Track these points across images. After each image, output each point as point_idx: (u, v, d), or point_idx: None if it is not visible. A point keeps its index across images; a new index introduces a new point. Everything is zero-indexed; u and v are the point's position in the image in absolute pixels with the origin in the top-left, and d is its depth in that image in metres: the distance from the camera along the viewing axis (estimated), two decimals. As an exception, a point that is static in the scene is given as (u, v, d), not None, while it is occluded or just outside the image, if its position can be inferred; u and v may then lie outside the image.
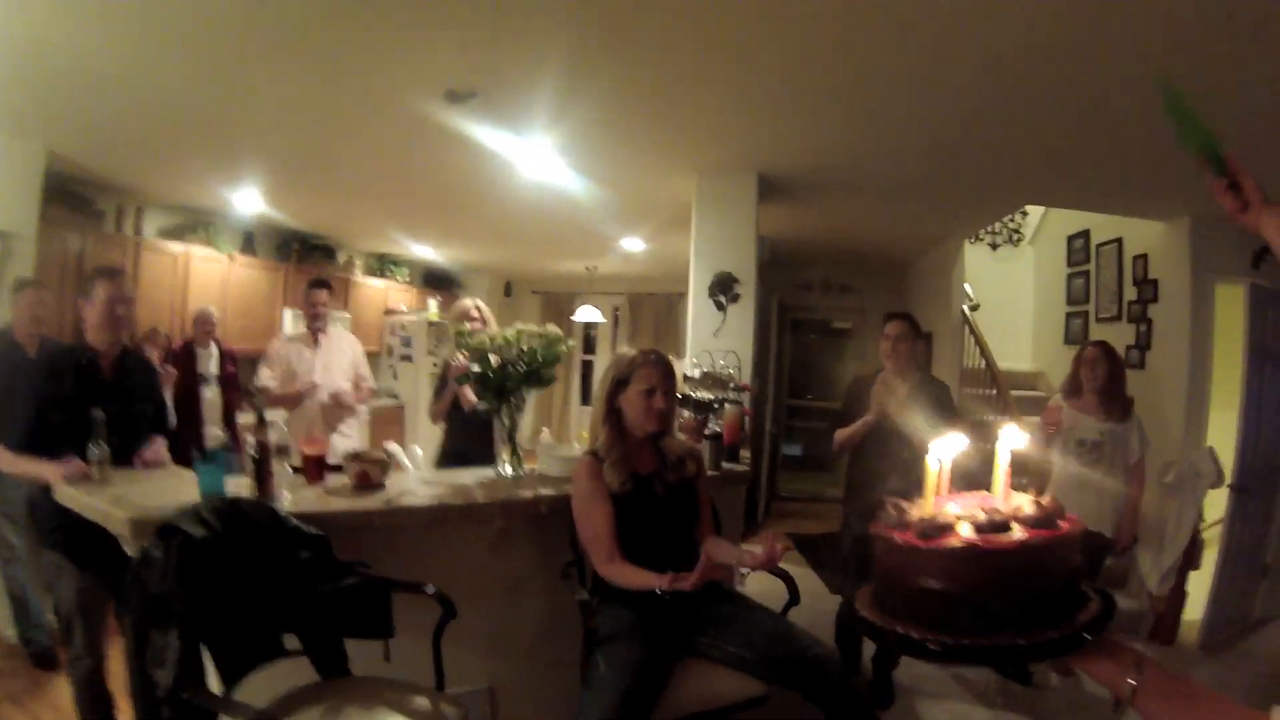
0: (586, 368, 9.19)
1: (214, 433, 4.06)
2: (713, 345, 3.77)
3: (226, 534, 1.57)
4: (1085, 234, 5.19)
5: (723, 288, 3.84)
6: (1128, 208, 4.14)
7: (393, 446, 3.13)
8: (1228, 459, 3.52)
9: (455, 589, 1.75)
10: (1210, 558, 3.67)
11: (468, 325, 2.68)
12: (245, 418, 3.90)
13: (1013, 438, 0.80)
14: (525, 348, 2.36)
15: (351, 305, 6.68)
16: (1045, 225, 5.94)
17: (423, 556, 2.05)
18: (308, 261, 6.17)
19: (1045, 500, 0.76)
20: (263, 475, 1.84)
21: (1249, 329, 3.58)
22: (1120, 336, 4.58)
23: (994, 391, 5.01)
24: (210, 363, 4.15)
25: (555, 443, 2.83)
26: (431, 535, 2.07)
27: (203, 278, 5.15)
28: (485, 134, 3.18)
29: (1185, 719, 0.66)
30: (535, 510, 2.12)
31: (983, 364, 5.23)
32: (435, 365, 4.53)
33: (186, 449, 2.19)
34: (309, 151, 3.78)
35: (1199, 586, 3.63)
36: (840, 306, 7.08)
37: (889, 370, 2.98)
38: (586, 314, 7.84)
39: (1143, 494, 3.20)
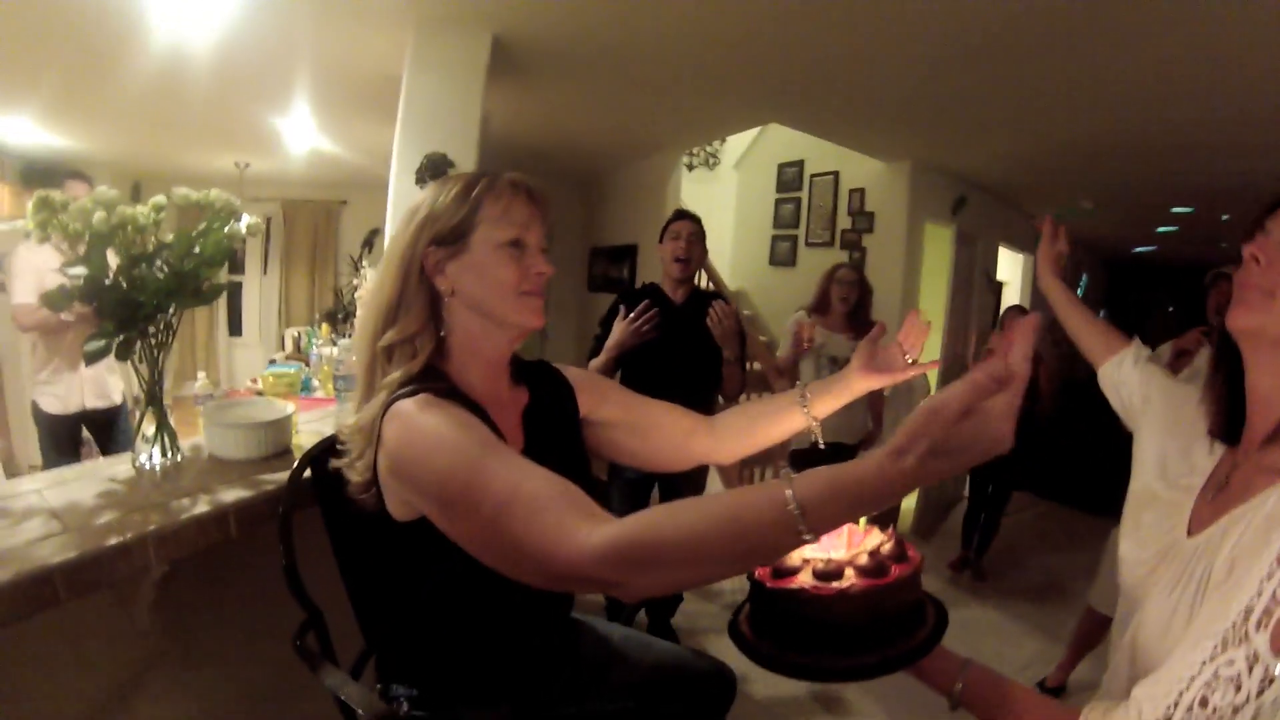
0: (234, 290, 7.23)
1: None
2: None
3: None
4: (800, 164, 5.35)
5: (434, 172, 2.94)
6: (860, 144, 4.29)
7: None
8: (931, 374, 3.99)
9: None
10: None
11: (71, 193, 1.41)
12: None
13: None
14: (171, 235, 1.29)
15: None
16: (755, 150, 6.03)
17: (15, 680, 1.02)
18: None
19: (886, 543, 0.78)
20: None
21: (954, 264, 4.09)
22: (831, 261, 4.90)
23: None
24: None
25: (221, 396, 1.77)
26: (28, 632, 1.00)
27: None
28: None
29: (1004, 714, 0.73)
30: (221, 533, 1.12)
31: (705, 280, 5.18)
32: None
33: None
34: None
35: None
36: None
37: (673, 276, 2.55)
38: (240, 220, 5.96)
39: (883, 406, 3.38)
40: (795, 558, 0.77)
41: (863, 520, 0.79)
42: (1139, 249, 6.62)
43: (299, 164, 5.57)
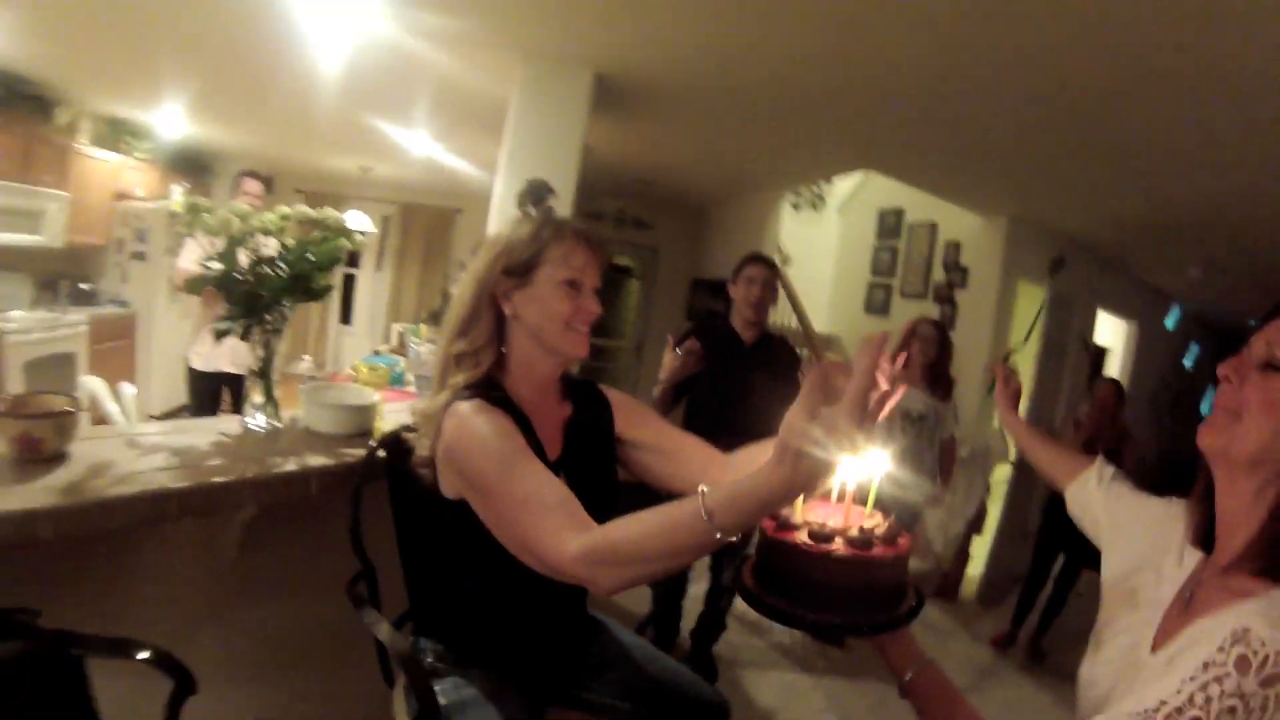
0: (349, 282, 7.89)
1: None
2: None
3: None
4: (899, 211, 5.30)
5: (535, 197, 3.16)
6: (956, 196, 4.24)
7: (93, 384, 1.93)
8: (1008, 437, 3.83)
9: (187, 622, 1.21)
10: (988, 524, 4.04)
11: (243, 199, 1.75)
12: None
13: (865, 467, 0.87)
14: (291, 241, 1.55)
15: (72, 182, 4.74)
16: (858, 195, 6.02)
17: (129, 577, 1.28)
18: (12, 114, 4.16)
19: (880, 527, 0.86)
20: None
21: (1045, 327, 3.95)
22: (922, 313, 4.81)
23: (805, 352, 4.98)
24: None
25: (326, 380, 2.02)
26: (143, 541, 1.28)
27: None
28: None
29: (942, 714, 0.79)
30: (303, 490, 1.35)
31: (793, 321, 5.18)
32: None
33: None
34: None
35: (979, 548, 3.96)
36: (631, 243, 6.61)
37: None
38: (356, 220, 6.47)
39: (954, 466, 3.30)
40: (797, 518, 0.87)
41: (870, 503, 0.90)
42: (1254, 321, 6.03)
43: (417, 171, 6.08)
